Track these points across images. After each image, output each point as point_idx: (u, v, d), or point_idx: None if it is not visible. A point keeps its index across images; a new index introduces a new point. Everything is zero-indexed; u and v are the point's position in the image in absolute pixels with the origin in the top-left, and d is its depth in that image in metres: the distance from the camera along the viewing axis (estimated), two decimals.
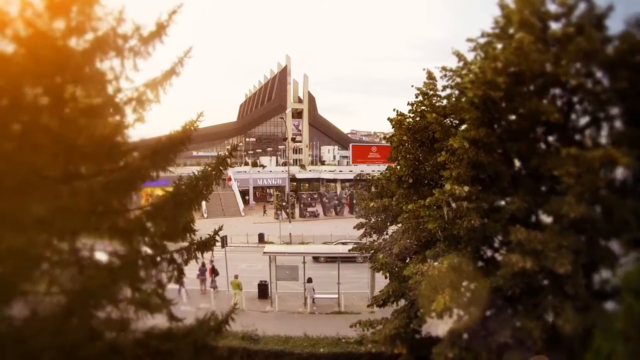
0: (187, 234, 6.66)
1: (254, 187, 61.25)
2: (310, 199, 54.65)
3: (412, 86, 10.12)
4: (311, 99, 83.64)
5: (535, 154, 7.97)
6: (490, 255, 8.28)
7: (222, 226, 7.22)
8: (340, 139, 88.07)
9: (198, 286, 21.31)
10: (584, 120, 8.14)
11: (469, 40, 8.59)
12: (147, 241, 6.41)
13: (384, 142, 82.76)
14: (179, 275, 6.99)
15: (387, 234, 12.01)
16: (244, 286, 20.07)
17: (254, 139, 79.87)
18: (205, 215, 45.05)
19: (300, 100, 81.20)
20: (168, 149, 6.52)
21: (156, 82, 6.26)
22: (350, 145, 74.20)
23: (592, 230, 7.33)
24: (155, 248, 6.53)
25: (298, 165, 71.60)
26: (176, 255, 6.80)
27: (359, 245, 13.27)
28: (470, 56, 8.77)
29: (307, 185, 67.19)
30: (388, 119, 10.10)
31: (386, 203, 10.75)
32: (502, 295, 7.40)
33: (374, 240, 12.27)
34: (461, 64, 8.87)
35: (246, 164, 68.07)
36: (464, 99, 8.27)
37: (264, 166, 66.64)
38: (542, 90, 7.86)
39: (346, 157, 77.33)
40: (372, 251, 11.84)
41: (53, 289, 6.13)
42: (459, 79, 8.84)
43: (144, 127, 6.71)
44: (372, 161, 65.70)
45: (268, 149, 76.68)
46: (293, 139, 73.51)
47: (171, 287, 7.16)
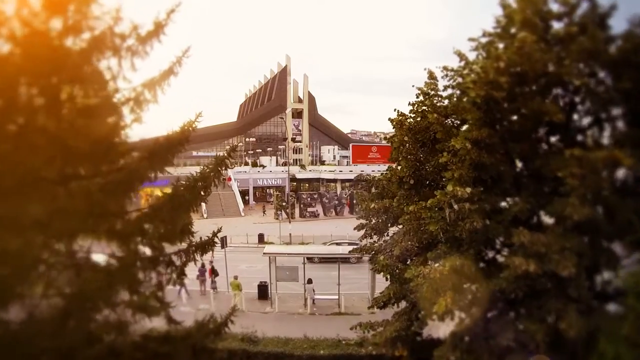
0: (186, 236, 6.57)
1: (254, 187, 61.19)
2: (310, 199, 54.56)
3: (412, 86, 10.03)
4: (311, 99, 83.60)
5: (537, 155, 7.89)
6: (493, 257, 8.20)
7: (221, 228, 7.16)
8: (340, 139, 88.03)
9: (198, 287, 21.26)
10: (586, 121, 8.06)
11: (471, 39, 8.51)
12: (145, 243, 6.32)
13: (384, 142, 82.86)
14: (177, 278, 6.95)
15: (387, 235, 11.92)
16: (243, 287, 20.02)
17: (254, 139, 79.86)
18: (205, 216, 45.07)
19: (300, 100, 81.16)
20: (166, 150, 6.43)
21: (154, 82, 6.15)
22: (350, 145, 74.18)
23: (595, 232, 7.26)
24: (153, 250, 6.44)
25: (298, 165, 71.59)
26: (174, 258, 6.74)
27: (360, 247, 13.16)
28: (471, 56, 8.70)
29: (307, 185, 67.14)
30: (389, 119, 10.01)
31: (387, 204, 10.65)
32: (504, 298, 7.32)
33: (374, 241, 12.18)
34: (462, 63, 8.78)
35: (246, 164, 68.04)
36: (465, 99, 8.18)
37: (264, 166, 66.62)
38: (544, 90, 7.78)
39: (346, 157, 77.31)
40: (373, 252, 11.76)
41: (50, 291, 6.06)
42: (460, 79, 8.75)
43: (144, 128, 6.64)
44: (372, 161, 65.68)
45: (268, 149, 76.67)
46: (293, 139, 73.45)
47: (172, 288, 7.09)
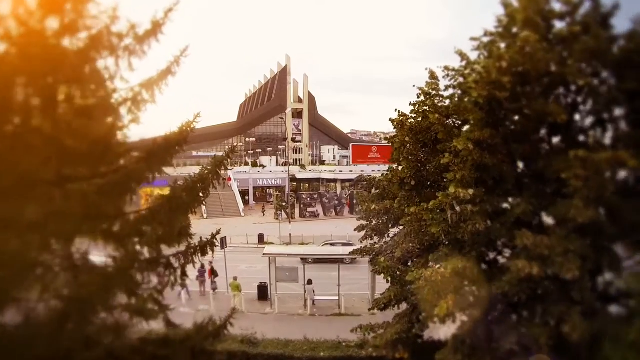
0: (184, 238, 6.48)
1: (253, 187, 61.11)
2: (310, 199, 54.44)
3: (414, 86, 9.91)
4: (311, 99, 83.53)
5: (539, 156, 7.80)
6: (495, 259, 8.10)
7: (220, 230, 7.10)
8: (340, 139, 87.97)
9: (197, 288, 21.18)
10: (588, 121, 7.97)
11: (473, 39, 8.41)
12: (142, 246, 6.24)
13: (384, 142, 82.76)
14: (176, 280, 6.87)
15: (388, 237, 11.83)
16: (243, 287, 19.93)
17: (254, 139, 79.82)
18: (205, 216, 45.06)
19: (300, 100, 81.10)
20: (164, 151, 6.34)
21: (152, 82, 6.06)
22: (351, 145, 74.10)
23: (598, 234, 7.16)
24: (151, 253, 6.36)
25: (298, 165, 71.52)
26: (173, 260, 6.65)
27: (360, 248, 13.06)
28: (473, 55, 8.61)
29: (307, 185, 67.07)
30: (390, 119, 9.90)
31: (388, 205, 10.55)
32: (506, 301, 7.23)
33: (374, 242, 12.08)
34: (464, 63, 8.69)
35: (246, 164, 68.00)
36: (466, 99, 8.10)
37: (264, 166, 66.57)
38: (547, 90, 7.68)
39: (346, 157, 77.23)
40: (373, 254, 11.67)
41: (47, 294, 5.98)
42: (461, 79, 8.66)
43: (144, 128, 6.57)
44: (373, 161, 65.61)
45: (268, 149, 76.62)
46: (293, 139, 73.37)
47: (173, 289, 7.03)
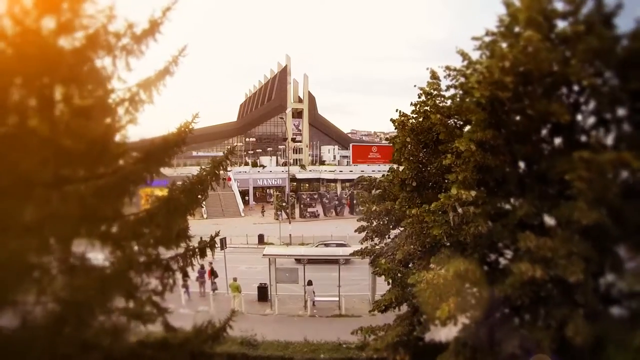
0: (182, 241, 6.40)
1: (253, 188, 61.00)
2: (310, 199, 54.34)
3: (414, 86, 9.82)
4: (311, 99, 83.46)
5: (542, 157, 7.72)
6: (498, 261, 8.01)
7: (219, 232, 7.04)
8: (340, 139, 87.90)
9: (197, 288, 21.10)
10: (590, 122, 7.90)
11: (475, 38, 8.32)
12: (140, 248, 6.15)
13: (384, 142, 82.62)
14: (174, 283, 6.79)
15: (389, 238, 11.74)
16: (244, 288, 19.84)
17: (254, 139, 79.77)
18: (205, 216, 45.01)
19: (300, 100, 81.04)
20: (162, 152, 6.27)
21: (150, 82, 5.98)
22: (351, 145, 73.96)
23: (601, 236, 7.07)
24: (148, 255, 6.27)
25: (298, 165, 71.42)
26: (171, 262, 6.56)
27: (360, 250, 12.97)
28: (474, 55, 8.53)
29: (307, 185, 66.96)
30: (391, 119, 9.81)
31: (388, 207, 10.46)
32: (509, 304, 7.15)
33: (375, 244, 11.99)
34: (465, 63, 8.61)
35: (246, 164, 67.92)
36: (467, 99, 8.01)
37: (264, 166, 66.49)
38: (550, 90, 7.60)
39: (346, 157, 77.11)
40: (374, 255, 11.58)
41: (44, 297, 5.91)
42: (463, 79, 8.58)
43: (144, 128, 6.50)
44: (373, 161, 65.49)
45: (268, 149, 76.55)
46: (293, 139, 73.29)
47: (174, 290, 6.97)
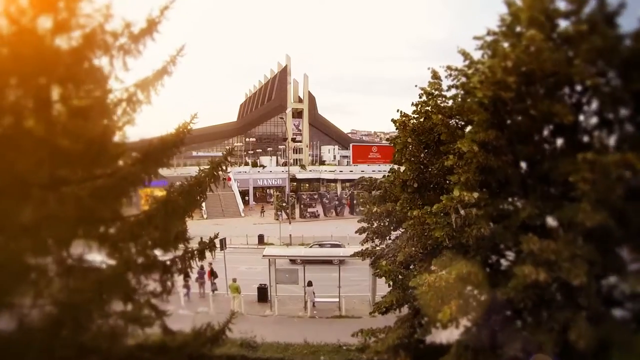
0: (180, 243, 6.32)
1: (254, 188, 60.94)
2: (310, 199, 54.26)
3: (415, 86, 9.74)
4: (311, 99, 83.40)
5: (544, 158, 7.63)
6: (500, 264, 7.92)
7: (218, 234, 6.97)
8: (340, 139, 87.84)
9: (197, 289, 21.05)
10: (592, 122, 7.81)
11: (476, 38, 8.22)
12: (138, 251, 6.07)
13: (384, 142, 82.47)
14: (173, 285, 6.72)
15: (389, 239, 11.65)
16: (243, 289, 19.78)
17: (254, 139, 79.73)
18: (204, 216, 44.96)
19: (300, 100, 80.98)
20: (160, 152, 6.18)
21: (147, 82, 5.89)
22: (351, 145, 73.87)
23: (605, 237, 6.99)
24: (147, 257, 6.19)
25: (298, 165, 71.35)
26: (169, 265, 6.49)
27: (361, 251, 12.88)
28: (475, 55, 8.44)
29: (307, 185, 66.89)
30: (392, 120, 9.72)
31: (389, 208, 10.37)
32: (511, 307, 7.06)
33: (375, 245, 11.91)
34: (467, 63, 8.52)
35: (246, 164, 67.84)
36: (469, 100, 7.92)
37: (264, 166, 66.42)
38: (552, 90, 7.51)
39: (346, 157, 77.03)
40: (374, 256, 11.49)
41: (40, 300, 5.83)
42: (464, 79, 8.49)
43: (144, 129, 6.43)
44: (373, 161, 65.41)
45: (268, 149, 76.51)
46: (293, 139, 73.21)
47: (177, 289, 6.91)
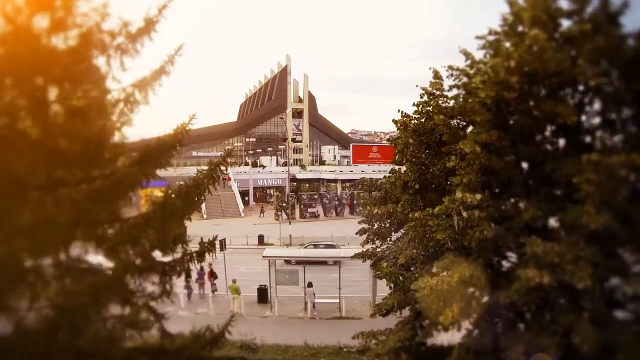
0: (178, 245, 6.23)
1: (254, 188, 60.84)
2: (310, 199, 54.14)
3: (417, 86, 9.63)
4: (311, 99, 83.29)
5: (547, 159, 7.55)
6: (503, 266, 7.83)
7: (216, 236, 6.88)
8: (340, 139, 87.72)
9: (196, 290, 20.98)
10: (595, 122, 7.73)
11: (478, 37, 8.13)
12: (135, 253, 5.99)
13: (384, 142, 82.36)
14: (171, 288, 6.64)
15: (390, 241, 11.56)
16: (243, 290, 19.68)
17: (254, 139, 79.61)
18: (204, 216, 44.86)
19: (300, 100, 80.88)
20: (158, 153, 6.11)
21: (145, 82, 5.80)
22: (351, 145, 73.71)
23: (609, 240, 6.90)
24: (145, 260, 6.11)
25: (298, 165, 71.23)
26: (167, 267, 6.40)
27: (362, 252, 12.80)
28: (477, 55, 8.35)
29: (307, 185, 66.78)
30: (393, 120, 9.62)
31: (390, 209, 10.27)
32: (514, 310, 6.97)
33: (376, 246, 11.82)
34: (468, 62, 8.43)
35: (246, 164, 67.72)
36: (471, 100, 7.83)
37: (264, 166, 66.30)
38: (555, 90, 7.43)
39: (347, 157, 76.89)
40: (375, 258, 11.40)
41: (37, 303, 5.75)
42: (466, 79, 8.40)
43: (144, 129, 6.36)
44: (373, 161, 65.27)
45: (268, 149, 76.40)
46: (293, 139, 73.09)
47: (177, 290, 6.84)
